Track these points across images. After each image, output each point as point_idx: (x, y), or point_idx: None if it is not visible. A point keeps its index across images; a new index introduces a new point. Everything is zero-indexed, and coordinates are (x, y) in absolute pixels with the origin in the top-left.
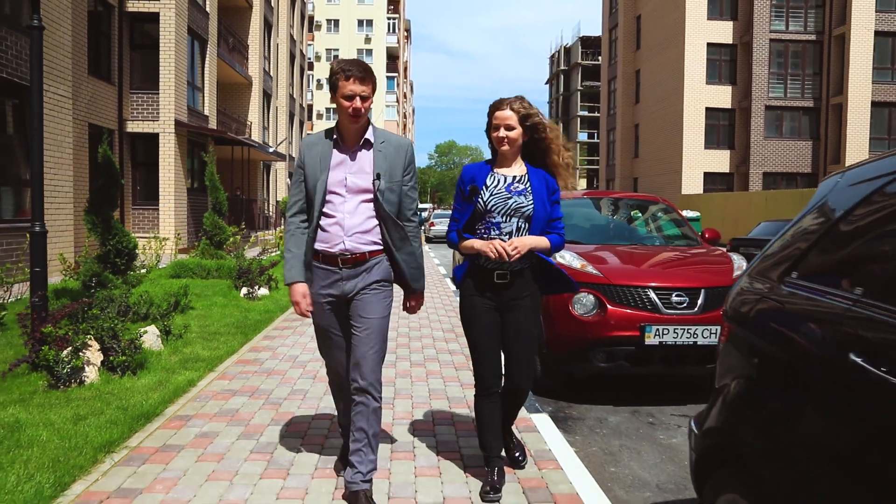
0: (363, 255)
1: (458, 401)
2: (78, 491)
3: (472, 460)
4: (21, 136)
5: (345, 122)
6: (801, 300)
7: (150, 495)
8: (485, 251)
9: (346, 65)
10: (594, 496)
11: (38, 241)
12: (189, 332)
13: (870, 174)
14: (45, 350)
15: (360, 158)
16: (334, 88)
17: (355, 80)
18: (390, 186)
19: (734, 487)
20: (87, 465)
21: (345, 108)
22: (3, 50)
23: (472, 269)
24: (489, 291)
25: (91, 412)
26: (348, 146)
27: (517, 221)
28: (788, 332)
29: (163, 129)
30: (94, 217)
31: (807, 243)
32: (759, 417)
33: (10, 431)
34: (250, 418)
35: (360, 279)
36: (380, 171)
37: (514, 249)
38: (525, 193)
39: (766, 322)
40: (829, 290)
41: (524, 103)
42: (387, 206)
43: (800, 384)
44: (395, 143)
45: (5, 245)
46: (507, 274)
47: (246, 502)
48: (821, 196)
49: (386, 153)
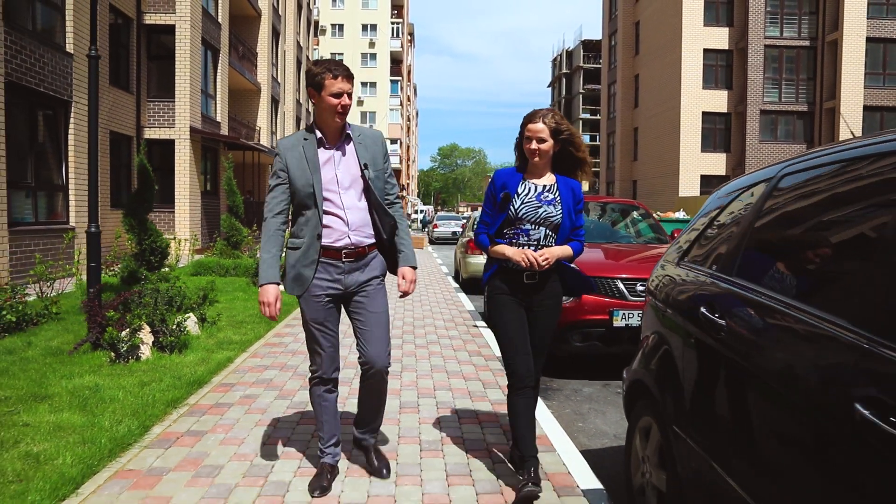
0: (364, 248)
1: (455, 374)
2: (157, 432)
3: (464, 413)
4: (54, 144)
5: (329, 121)
6: (684, 276)
7: (213, 435)
8: (516, 260)
9: (331, 64)
10: (562, 440)
11: (94, 240)
12: (220, 320)
13: (729, 189)
14: (110, 331)
15: (346, 153)
16: (319, 87)
17: (343, 79)
18: (377, 174)
19: (648, 413)
20: (160, 414)
21: (333, 106)
22: (41, 67)
23: (501, 270)
24: (518, 291)
25: (152, 380)
26: (332, 144)
27: (545, 230)
28: (673, 296)
29: (178, 136)
30: (132, 219)
31: (692, 237)
32: (659, 361)
33: (94, 392)
34: (283, 385)
35: (360, 273)
36: (366, 162)
37: (545, 260)
38: (554, 203)
39: (663, 291)
40: (699, 268)
41: (556, 117)
42: (377, 194)
43: (678, 333)
44: (369, 134)
45: (42, 245)
46: (535, 274)
47: (289, 440)
48: (706, 204)
49: (366, 144)
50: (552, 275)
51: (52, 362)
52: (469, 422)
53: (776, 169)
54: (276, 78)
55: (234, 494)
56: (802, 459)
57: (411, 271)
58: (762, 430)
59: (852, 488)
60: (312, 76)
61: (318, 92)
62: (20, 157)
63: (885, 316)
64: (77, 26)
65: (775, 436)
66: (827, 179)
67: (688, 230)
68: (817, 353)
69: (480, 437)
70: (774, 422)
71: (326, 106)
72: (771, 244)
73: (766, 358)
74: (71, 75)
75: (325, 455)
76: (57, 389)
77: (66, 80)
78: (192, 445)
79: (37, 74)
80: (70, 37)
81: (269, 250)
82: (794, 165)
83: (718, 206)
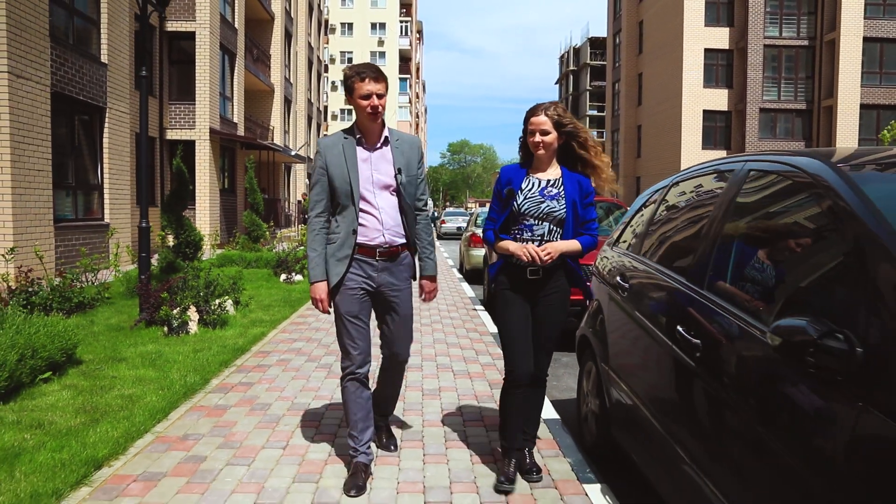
0: (397, 248)
1: (454, 345)
2: (215, 383)
3: (459, 372)
4: (91, 147)
5: (365, 122)
6: (612, 256)
7: (259, 385)
8: (518, 255)
9: (360, 68)
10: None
11: (144, 234)
12: (251, 303)
13: (644, 194)
14: (165, 309)
15: (383, 155)
16: (350, 91)
17: (370, 80)
18: (409, 180)
19: (590, 359)
20: (215, 371)
21: (363, 108)
22: (80, 77)
23: (506, 266)
24: (522, 287)
25: (202, 348)
26: (370, 144)
27: (549, 225)
28: (603, 271)
29: (199, 137)
30: (170, 215)
31: (621, 228)
32: (596, 319)
33: (158, 356)
34: (311, 352)
35: (392, 273)
36: (400, 166)
37: (547, 255)
38: (558, 198)
39: (599, 267)
40: (622, 250)
41: (558, 109)
42: (407, 199)
43: (606, 297)
44: (407, 140)
45: (82, 240)
46: (538, 270)
47: (319, 388)
48: (637, 200)
49: (402, 149)
50: (557, 270)
51: (116, 335)
52: (462, 377)
53: (670, 179)
54: (289, 79)
55: (281, 422)
56: (666, 372)
57: (430, 283)
58: (647, 359)
59: (684, 380)
60: (345, 80)
61: (350, 95)
62: (62, 159)
63: (697, 272)
64: (111, 38)
65: (653, 361)
66: (693, 186)
67: (621, 223)
68: (667, 300)
69: (470, 387)
70: (651, 351)
71: (359, 107)
72: (659, 232)
73: (643, 306)
74: (105, 83)
75: (359, 454)
76: (129, 354)
77: (101, 89)
78: (245, 392)
79: (77, 84)
80: (105, 48)
81: (314, 249)
82: (681, 176)
83: (638, 206)
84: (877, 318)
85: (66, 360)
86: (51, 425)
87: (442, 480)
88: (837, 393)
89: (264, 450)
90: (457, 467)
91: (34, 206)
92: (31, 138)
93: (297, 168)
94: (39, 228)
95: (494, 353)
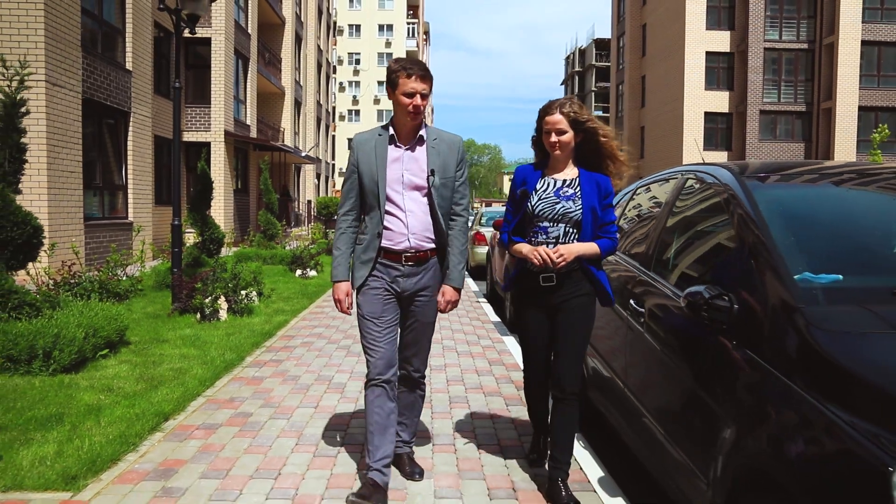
0: (425, 253)
1: (458, 331)
2: (249, 360)
3: (462, 352)
4: (116, 149)
5: (403, 120)
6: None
7: (288, 361)
8: (530, 257)
9: (407, 63)
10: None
11: (176, 231)
12: (272, 295)
13: (623, 192)
14: (199, 298)
15: (416, 155)
16: (394, 85)
17: (417, 78)
18: (444, 182)
19: None
20: (248, 350)
21: (405, 105)
22: (108, 83)
23: (521, 274)
24: (538, 295)
25: (234, 332)
26: (404, 143)
27: (565, 226)
28: None
29: (214, 139)
30: (195, 214)
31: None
32: None
33: (196, 338)
34: (330, 336)
35: (419, 279)
36: (434, 168)
37: (560, 257)
38: (574, 198)
39: None
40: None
41: (574, 106)
42: (439, 202)
43: None
44: (447, 140)
45: (109, 237)
46: (552, 277)
47: (340, 365)
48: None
49: (439, 150)
50: (575, 273)
51: (155, 321)
52: (465, 356)
53: (634, 185)
54: (299, 81)
55: (311, 389)
56: (624, 339)
57: (452, 292)
58: (612, 330)
59: (635, 342)
60: (390, 73)
61: (393, 90)
62: (90, 161)
63: (646, 259)
64: (135, 46)
65: (615, 331)
66: (649, 191)
67: None
68: (625, 281)
69: (471, 364)
70: (613, 323)
71: (399, 104)
72: (624, 227)
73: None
74: (130, 89)
75: (371, 471)
76: (170, 336)
77: (126, 94)
78: (276, 367)
79: (104, 90)
80: (129, 56)
81: (338, 247)
82: (641, 182)
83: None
84: (749, 285)
85: (119, 340)
86: (119, 389)
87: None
88: (722, 336)
89: (299, 409)
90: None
91: (67, 205)
92: (64, 142)
93: (306, 168)
94: (72, 226)
95: (494, 337)
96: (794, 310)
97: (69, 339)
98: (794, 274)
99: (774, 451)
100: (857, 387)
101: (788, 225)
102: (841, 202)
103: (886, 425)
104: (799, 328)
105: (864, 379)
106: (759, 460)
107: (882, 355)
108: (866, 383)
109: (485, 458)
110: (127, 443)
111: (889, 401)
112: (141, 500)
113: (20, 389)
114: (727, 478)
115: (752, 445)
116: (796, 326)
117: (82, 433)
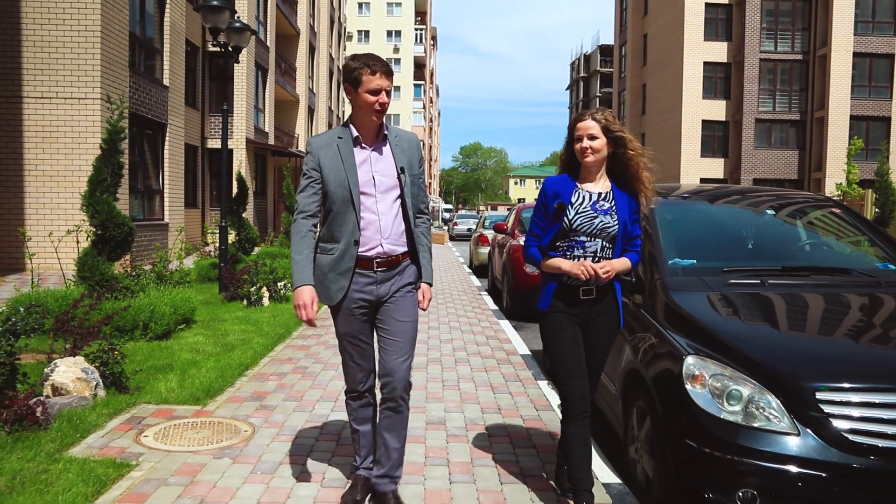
0: (397, 257)
1: (464, 322)
2: (295, 334)
3: (469, 341)
4: (153, 157)
5: (366, 119)
6: None
7: (327, 335)
8: (575, 273)
9: (370, 59)
10: (521, 346)
11: (223, 232)
12: None
13: None
14: (247, 287)
15: (383, 155)
16: (356, 83)
17: (381, 75)
18: (412, 180)
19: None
20: (293, 328)
21: (370, 104)
22: (149, 98)
23: (560, 289)
24: (574, 308)
25: (277, 315)
26: (369, 144)
27: (602, 241)
28: None
29: (236, 146)
30: (232, 216)
31: None
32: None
33: (248, 318)
34: None
35: (393, 282)
36: (402, 165)
37: (606, 273)
38: (611, 213)
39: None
40: None
41: (606, 115)
42: (410, 200)
43: None
44: (406, 137)
45: (149, 237)
46: (592, 290)
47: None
48: None
49: (402, 147)
50: (610, 289)
51: (209, 306)
52: (471, 343)
53: None
54: (312, 89)
55: None
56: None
57: (428, 288)
58: None
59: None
60: (349, 71)
61: (354, 88)
62: (133, 168)
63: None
64: (171, 64)
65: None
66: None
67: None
68: None
69: (473, 340)
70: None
71: (363, 103)
72: None
73: None
74: (167, 103)
75: (360, 469)
76: (227, 317)
77: (163, 107)
78: (318, 338)
79: (146, 104)
80: (167, 73)
81: (300, 251)
82: None
83: None
84: (644, 266)
85: (190, 318)
86: (204, 351)
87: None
88: (627, 297)
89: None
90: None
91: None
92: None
93: None
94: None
95: (492, 321)
96: (661, 280)
97: (161, 314)
98: (668, 259)
99: (640, 355)
100: (683, 319)
101: (671, 228)
102: (713, 213)
103: (691, 337)
104: (664, 289)
105: (687, 314)
106: (634, 363)
107: (697, 303)
108: (686, 316)
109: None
110: (225, 381)
111: (693, 325)
112: (248, 409)
113: (135, 350)
114: (621, 378)
115: (632, 355)
116: (662, 289)
117: (191, 376)
